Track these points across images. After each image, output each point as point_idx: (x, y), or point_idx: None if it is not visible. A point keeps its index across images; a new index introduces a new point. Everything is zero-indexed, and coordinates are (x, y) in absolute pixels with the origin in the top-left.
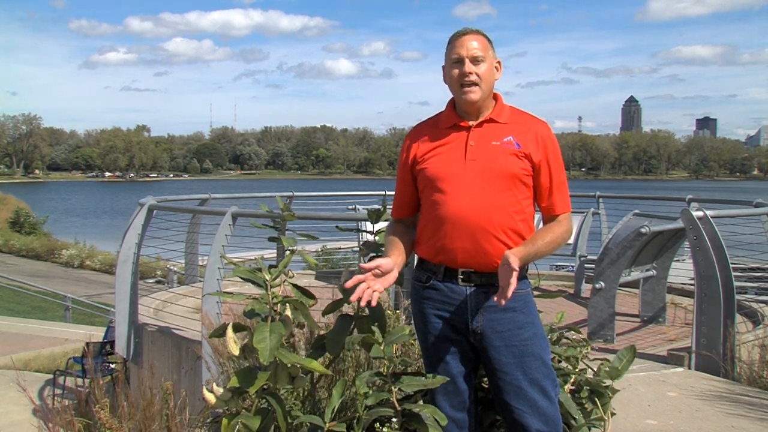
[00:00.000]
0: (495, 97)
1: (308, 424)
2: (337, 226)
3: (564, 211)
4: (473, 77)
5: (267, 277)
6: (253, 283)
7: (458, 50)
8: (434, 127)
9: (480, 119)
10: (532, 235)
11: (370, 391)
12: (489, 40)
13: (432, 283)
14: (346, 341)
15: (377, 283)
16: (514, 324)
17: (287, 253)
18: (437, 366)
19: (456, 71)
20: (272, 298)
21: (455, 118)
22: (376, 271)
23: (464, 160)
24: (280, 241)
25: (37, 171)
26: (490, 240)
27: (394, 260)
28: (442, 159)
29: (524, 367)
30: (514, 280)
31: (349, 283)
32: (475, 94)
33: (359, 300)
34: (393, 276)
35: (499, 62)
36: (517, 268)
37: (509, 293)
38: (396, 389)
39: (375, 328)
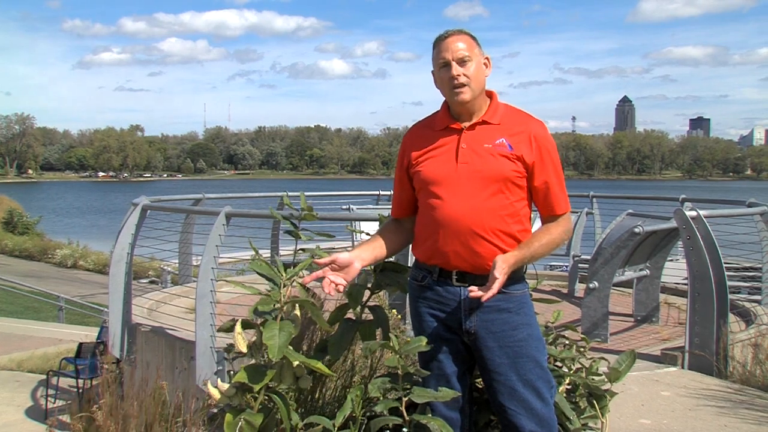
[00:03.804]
0: (490, 95)
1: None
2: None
3: (562, 211)
4: (462, 79)
5: (283, 275)
6: (269, 279)
7: (444, 54)
8: (429, 129)
9: (473, 120)
10: (528, 238)
11: (381, 397)
12: (473, 37)
13: (427, 283)
14: (364, 348)
15: (337, 276)
16: (508, 325)
17: (299, 252)
18: (431, 365)
19: (445, 75)
20: (283, 298)
21: (448, 120)
22: (333, 265)
23: (456, 163)
24: (297, 237)
25: (30, 171)
26: (481, 243)
27: (356, 254)
28: (434, 162)
29: (518, 368)
30: (496, 288)
31: (306, 279)
32: (466, 94)
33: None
34: (353, 270)
35: (487, 58)
36: (500, 276)
37: (486, 297)
38: (406, 399)
39: (392, 336)
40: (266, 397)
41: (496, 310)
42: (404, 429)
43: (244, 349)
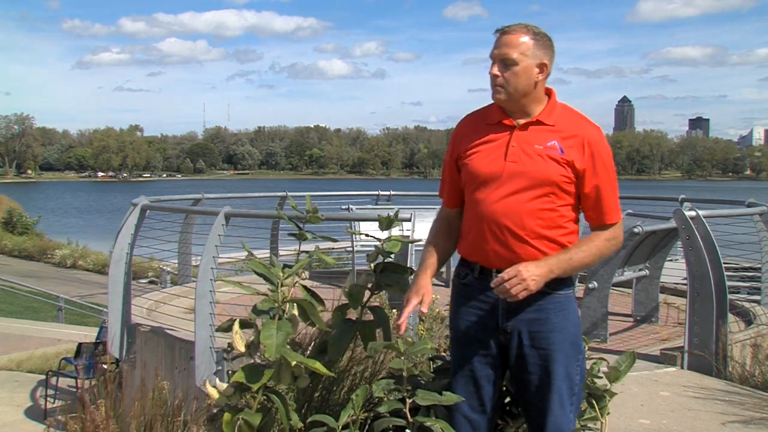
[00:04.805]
0: (548, 93)
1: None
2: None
3: (611, 221)
4: (499, 80)
5: (280, 275)
6: (266, 279)
7: (493, 49)
8: (481, 121)
9: (527, 119)
10: (569, 246)
11: (385, 398)
12: (537, 37)
13: (468, 280)
14: (369, 348)
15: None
16: (544, 326)
17: (300, 253)
18: (463, 365)
19: (490, 70)
20: (281, 297)
21: (501, 114)
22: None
23: (504, 162)
24: (303, 238)
25: (29, 171)
26: (522, 246)
27: (422, 285)
28: (482, 157)
29: (546, 371)
30: (517, 293)
31: (402, 320)
32: (500, 95)
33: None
34: (428, 298)
35: (544, 63)
36: (529, 288)
37: (503, 294)
38: (410, 401)
39: (400, 340)
40: (265, 397)
41: (535, 310)
42: (407, 430)
43: (243, 349)
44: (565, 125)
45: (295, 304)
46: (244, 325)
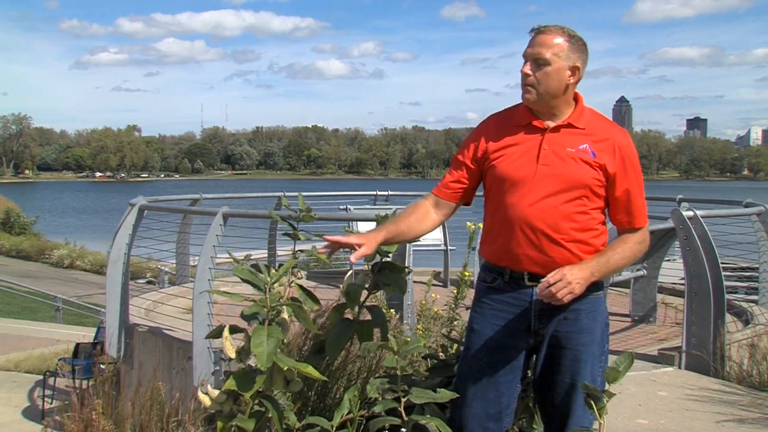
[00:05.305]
0: (576, 98)
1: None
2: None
3: (640, 225)
4: (530, 79)
5: (267, 279)
6: (253, 285)
7: (527, 48)
8: (508, 122)
9: (556, 122)
10: (605, 249)
11: (380, 398)
12: (571, 40)
13: (498, 285)
14: (362, 348)
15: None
16: (574, 327)
17: (296, 252)
18: (484, 371)
19: (521, 69)
20: (270, 301)
21: (530, 116)
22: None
23: (536, 165)
24: (296, 239)
25: (27, 171)
26: (556, 249)
27: (370, 238)
28: (512, 160)
29: (572, 372)
30: (563, 296)
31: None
32: (530, 95)
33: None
34: (365, 250)
35: (576, 66)
36: (575, 291)
37: (548, 298)
38: (405, 399)
39: (391, 336)
40: (259, 401)
41: (568, 310)
42: (402, 429)
43: (233, 355)
44: (595, 129)
45: (286, 307)
46: (236, 329)
